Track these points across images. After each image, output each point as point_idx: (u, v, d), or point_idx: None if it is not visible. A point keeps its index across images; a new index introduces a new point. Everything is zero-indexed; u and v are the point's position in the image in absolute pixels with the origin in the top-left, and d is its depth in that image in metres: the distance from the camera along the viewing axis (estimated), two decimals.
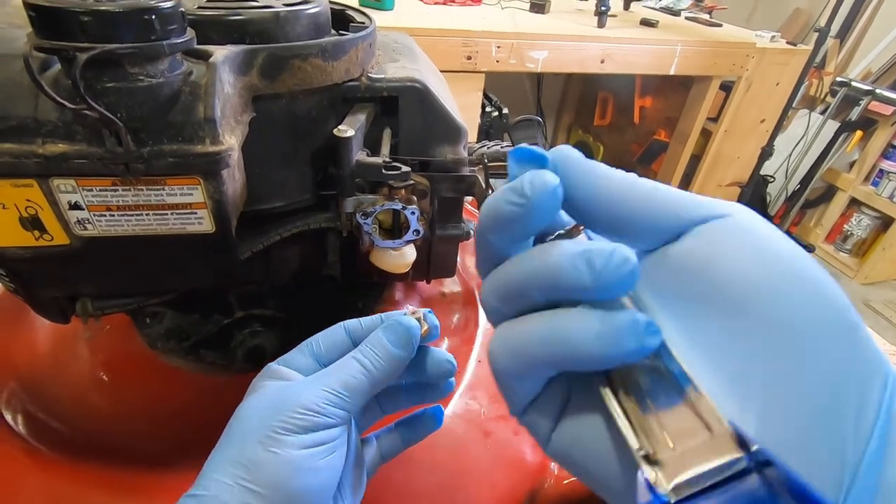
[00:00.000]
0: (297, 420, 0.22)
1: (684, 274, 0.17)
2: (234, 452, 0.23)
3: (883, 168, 2.15)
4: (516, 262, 0.19)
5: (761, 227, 0.17)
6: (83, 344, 0.42)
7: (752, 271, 0.16)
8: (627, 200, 0.18)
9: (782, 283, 0.15)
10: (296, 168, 0.34)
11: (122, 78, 0.22)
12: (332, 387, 0.24)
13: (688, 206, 0.18)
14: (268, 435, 0.22)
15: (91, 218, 0.25)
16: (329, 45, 0.31)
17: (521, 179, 0.18)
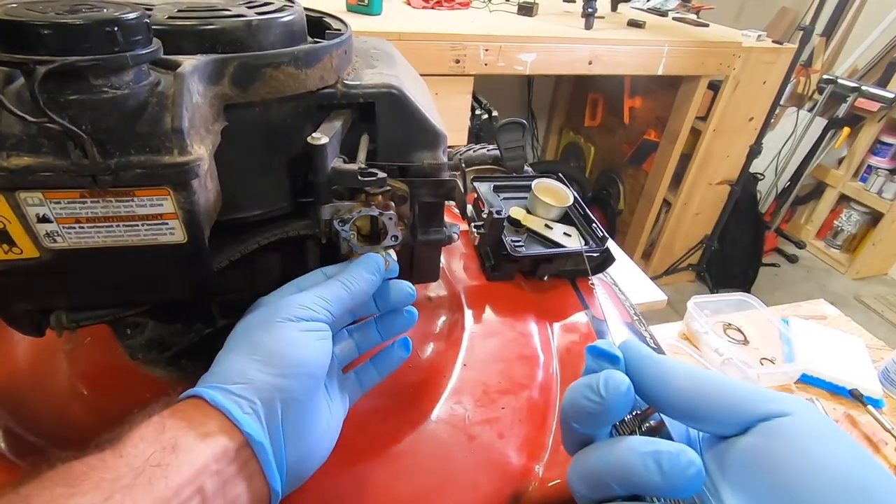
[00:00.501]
0: (297, 311, 0.28)
1: (747, 470, 0.19)
2: (243, 339, 0.28)
3: (871, 164, 2.18)
4: (596, 451, 0.22)
5: (821, 429, 0.19)
6: (62, 356, 0.41)
7: (808, 481, 0.18)
8: (695, 398, 0.21)
9: (835, 495, 0.17)
10: (272, 176, 0.34)
11: (86, 90, 0.22)
12: (322, 295, 0.30)
13: (753, 403, 0.20)
14: (271, 324, 0.28)
15: (60, 230, 0.25)
16: (302, 53, 0.31)
17: (598, 378, 0.22)
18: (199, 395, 0.26)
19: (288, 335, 0.27)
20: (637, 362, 0.23)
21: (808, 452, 0.18)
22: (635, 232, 2.05)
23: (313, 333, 0.28)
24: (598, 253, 0.58)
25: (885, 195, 2.13)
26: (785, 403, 0.20)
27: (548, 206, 0.61)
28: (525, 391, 0.45)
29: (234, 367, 0.27)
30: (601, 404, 0.21)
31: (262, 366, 0.26)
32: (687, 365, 0.23)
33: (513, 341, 0.51)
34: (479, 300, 0.55)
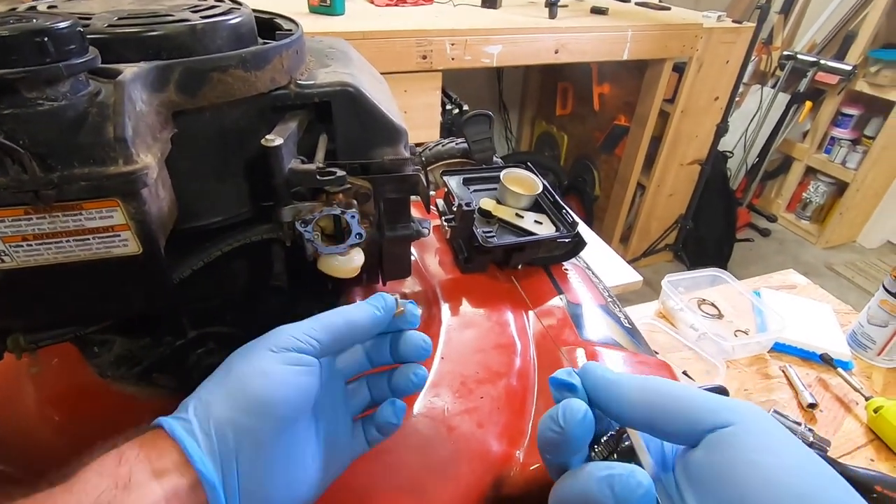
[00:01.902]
0: (280, 340, 0.26)
1: (702, 484, 0.20)
2: (224, 365, 0.27)
3: (834, 136, 2.24)
4: (565, 480, 0.24)
5: (767, 438, 0.20)
6: (28, 380, 0.40)
7: (758, 493, 0.18)
8: (649, 412, 0.23)
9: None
10: (230, 181, 0.33)
11: (20, 103, 0.21)
12: (313, 325, 0.28)
13: (700, 413, 0.21)
14: (252, 350, 0.27)
15: (7, 249, 0.24)
16: (249, 55, 0.30)
17: (557, 409, 0.24)
18: (160, 425, 0.24)
19: (264, 367, 0.25)
20: (593, 384, 0.25)
21: (755, 464, 0.19)
22: (612, 217, 2.07)
23: (294, 368, 0.26)
24: (569, 238, 0.59)
25: (848, 165, 2.20)
26: (731, 413, 0.21)
27: (517, 195, 0.61)
28: (503, 379, 0.46)
29: (203, 396, 0.25)
30: (562, 433, 0.23)
31: (229, 399, 0.24)
32: (640, 378, 0.24)
33: (489, 331, 0.51)
34: (454, 293, 0.55)
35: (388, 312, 0.30)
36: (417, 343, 0.31)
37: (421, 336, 0.31)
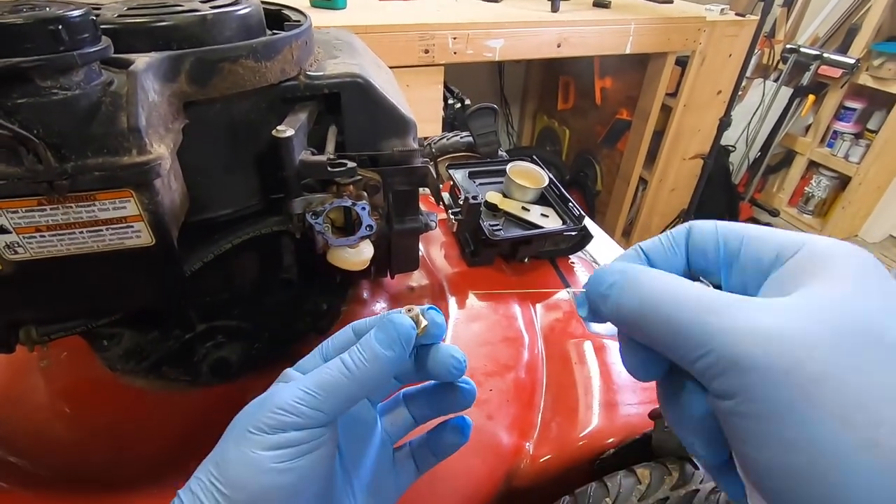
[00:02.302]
0: (267, 419, 0.21)
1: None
2: (216, 452, 0.22)
3: (836, 129, 2.23)
4: None
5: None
6: (39, 374, 0.40)
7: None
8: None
9: None
10: (240, 173, 0.33)
11: (34, 93, 0.21)
12: (308, 386, 0.22)
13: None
14: (241, 434, 0.21)
15: (21, 241, 0.24)
16: (260, 46, 0.30)
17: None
18: None
19: (253, 458, 0.21)
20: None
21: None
22: (614, 211, 2.07)
23: (288, 451, 0.21)
24: (575, 231, 0.58)
25: (851, 159, 2.19)
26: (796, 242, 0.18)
27: (523, 188, 0.61)
28: (511, 372, 0.46)
29: (198, 476, 0.22)
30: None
31: (224, 499, 0.21)
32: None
33: (496, 324, 0.51)
34: (461, 286, 0.55)
35: (404, 347, 0.24)
36: (447, 361, 0.25)
37: (450, 352, 0.26)
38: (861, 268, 0.16)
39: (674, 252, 0.20)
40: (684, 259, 0.20)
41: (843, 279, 0.16)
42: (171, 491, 0.34)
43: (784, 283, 0.17)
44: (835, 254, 0.17)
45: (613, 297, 0.19)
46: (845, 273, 0.16)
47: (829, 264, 0.17)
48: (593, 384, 0.44)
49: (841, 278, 0.16)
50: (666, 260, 0.20)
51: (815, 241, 0.17)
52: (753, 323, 0.15)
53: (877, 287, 0.16)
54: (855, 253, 0.17)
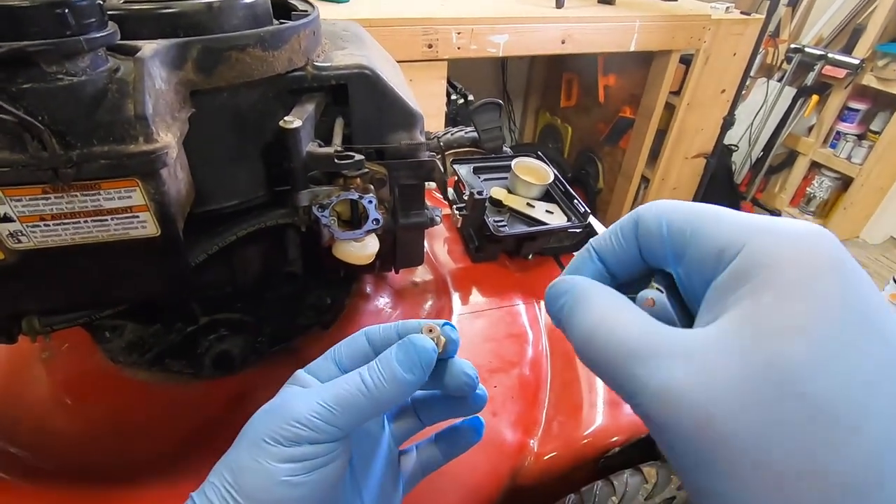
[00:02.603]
0: (283, 431, 0.21)
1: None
2: (230, 456, 0.22)
3: (839, 130, 2.22)
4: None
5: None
6: (40, 365, 0.40)
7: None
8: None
9: None
10: (246, 164, 0.33)
11: (40, 78, 0.21)
12: (325, 400, 0.22)
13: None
14: (256, 443, 0.21)
15: (24, 230, 0.24)
16: (267, 35, 0.30)
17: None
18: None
19: (268, 469, 0.21)
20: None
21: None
22: (615, 210, 2.06)
23: (303, 465, 0.21)
24: (580, 228, 0.58)
25: (854, 160, 2.18)
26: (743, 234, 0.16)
27: (528, 184, 0.61)
28: (516, 369, 0.45)
29: (212, 481, 0.22)
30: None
31: (230, 501, 0.21)
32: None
33: (501, 320, 0.51)
34: (464, 282, 0.55)
35: (424, 372, 0.23)
36: (460, 378, 0.25)
37: (463, 369, 0.26)
38: (804, 282, 0.14)
39: (623, 249, 0.19)
40: (636, 253, 0.19)
41: (774, 301, 0.14)
42: (174, 483, 0.34)
43: (718, 297, 0.16)
44: (776, 260, 0.15)
45: (564, 321, 0.19)
46: (780, 291, 0.14)
47: (765, 276, 0.15)
48: (598, 382, 0.44)
49: (772, 300, 0.14)
50: (617, 258, 0.20)
51: (758, 241, 0.15)
52: (667, 382, 0.15)
53: (815, 312, 0.14)
54: (804, 257, 0.15)
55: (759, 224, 0.16)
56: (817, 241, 0.15)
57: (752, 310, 0.14)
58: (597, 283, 0.19)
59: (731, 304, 0.15)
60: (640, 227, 0.19)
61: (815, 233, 0.15)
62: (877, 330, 0.14)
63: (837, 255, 0.15)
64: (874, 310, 0.14)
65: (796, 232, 0.15)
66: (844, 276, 0.14)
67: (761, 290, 0.14)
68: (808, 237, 0.15)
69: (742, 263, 0.15)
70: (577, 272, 0.21)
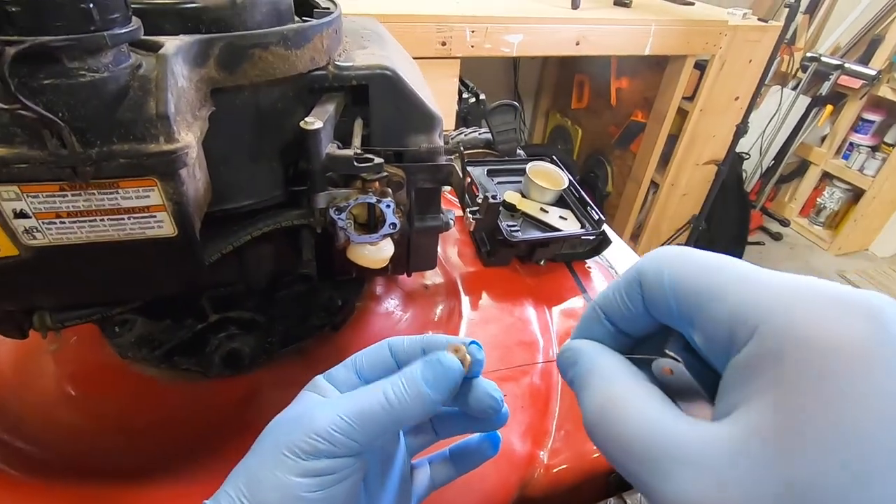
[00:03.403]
0: (303, 444, 0.21)
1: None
2: (248, 465, 0.22)
3: (853, 141, 2.20)
4: None
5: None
6: (48, 358, 0.40)
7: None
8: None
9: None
10: (263, 164, 0.32)
11: (61, 74, 0.20)
12: (347, 414, 0.21)
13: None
14: (275, 453, 0.21)
15: (40, 226, 0.24)
16: (291, 33, 0.29)
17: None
18: None
19: (284, 482, 0.20)
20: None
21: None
22: (623, 214, 2.05)
23: (319, 480, 0.20)
24: (594, 236, 0.57)
25: (866, 172, 2.16)
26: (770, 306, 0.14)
27: (543, 189, 0.60)
28: (526, 377, 0.45)
29: (227, 490, 0.21)
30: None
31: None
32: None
33: (511, 327, 0.50)
34: (475, 286, 0.54)
35: (449, 394, 0.23)
36: (485, 401, 0.24)
37: (488, 391, 0.25)
38: (837, 377, 0.11)
39: (630, 309, 0.18)
40: (644, 313, 0.18)
41: (798, 401, 0.12)
42: (179, 481, 0.34)
43: (738, 381, 0.14)
44: (790, 352, 0.12)
45: (576, 391, 0.18)
46: (807, 388, 0.12)
47: (778, 372, 0.12)
48: None
49: (796, 400, 0.12)
50: (625, 319, 0.18)
51: (771, 326, 0.13)
52: (681, 497, 0.13)
53: (851, 420, 0.11)
54: (827, 349, 0.12)
55: (778, 289, 0.13)
56: (857, 319, 0.12)
57: (770, 412, 0.12)
58: (604, 351, 0.18)
59: (748, 397, 0.13)
60: (643, 286, 0.17)
61: (858, 305, 0.12)
62: None
63: (891, 338, 0.11)
64: None
65: (831, 305, 0.12)
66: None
67: (780, 385, 0.12)
68: (849, 310, 0.12)
69: (757, 348, 0.13)
70: (585, 334, 0.20)
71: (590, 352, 0.18)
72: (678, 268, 0.16)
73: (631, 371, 0.17)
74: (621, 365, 0.17)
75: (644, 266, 0.17)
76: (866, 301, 0.12)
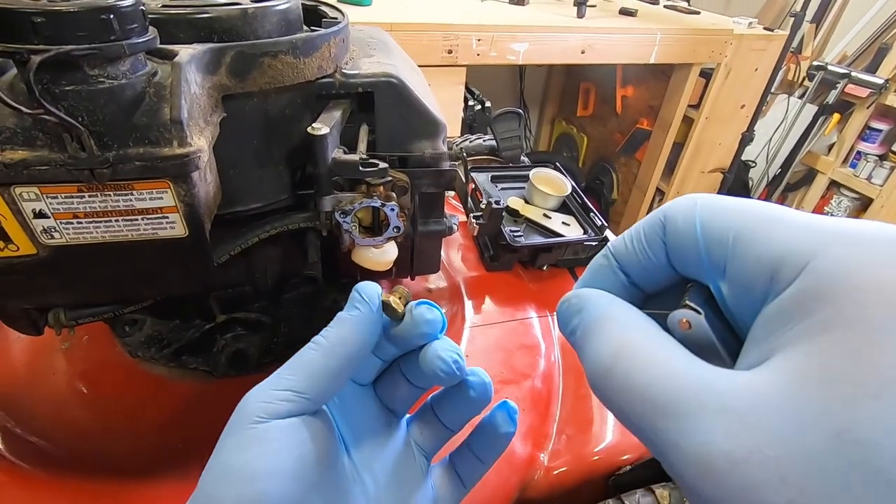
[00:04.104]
0: (251, 412, 0.19)
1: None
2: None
3: (860, 150, 2.19)
4: None
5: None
6: (60, 355, 0.41)
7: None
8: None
9: None
10: (271, 168, 0.33)
11: (82, 80, 0.21)
12: (281, 373, 0.20)
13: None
14: (220, 441, 0.19)
15: (57, 226, 0.25)
16: (300, 42, 0.30)
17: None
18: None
19: (218, 462, 0.19)
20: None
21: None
22: (628, 221, 2.05)
23: (259, 452, 0.18)
24: (596, 241, 0.58)
25: (874, 181, 2.15)
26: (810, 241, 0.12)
27: (546, 195, 0.61)
28: (527, 380, 0.45)
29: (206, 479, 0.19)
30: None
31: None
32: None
33: (513, 331, 0.51)
34: (478, 291, 0.55)
35: (371, 304, 0.21)
36: (434, 364, 0.22)
37: (436, 353, 0.22)
38: (884, 330, 0.10)
39: (648, 256, 0.16)
40: (665, 261, 0.16)
41: (853, 344, 0.11)
42: (183, 479, 0.34)
43: (772, 329, 0.12)
44: (859, 283, 0.11)
45: (577, 346, 0.16)
46: (863, 330, 0.10)
47: (840, 306, 0.11)
48: None
49: (850, 343, 0.11)
50: (641, 267, 0.16)
51: (832, 253, 0.11)
52: (706, 448, 0.12)
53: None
54: (888, 288, 0.11)
55: (834, 228, 0.12)
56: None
57: (819, 356, 0.11)
58: (616, 300, 0.16)
59: (790, 341, 0.12)
60: (667, 229, 0.15)
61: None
62: None
63: None
64: None
65: (879, 256, 0.11)
66: None
67: (834, 326, 0.11)
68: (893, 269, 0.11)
69: (806, 285, 0.12)
70: (593, 284, 0.17)
71: (599, 299, 0.16)
72: (711, 207, 0.14)
73: (647, 319, 0.15)
74: (637, 313, 0.16)
75: (672, 210, 0.15)
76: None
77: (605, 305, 0.16)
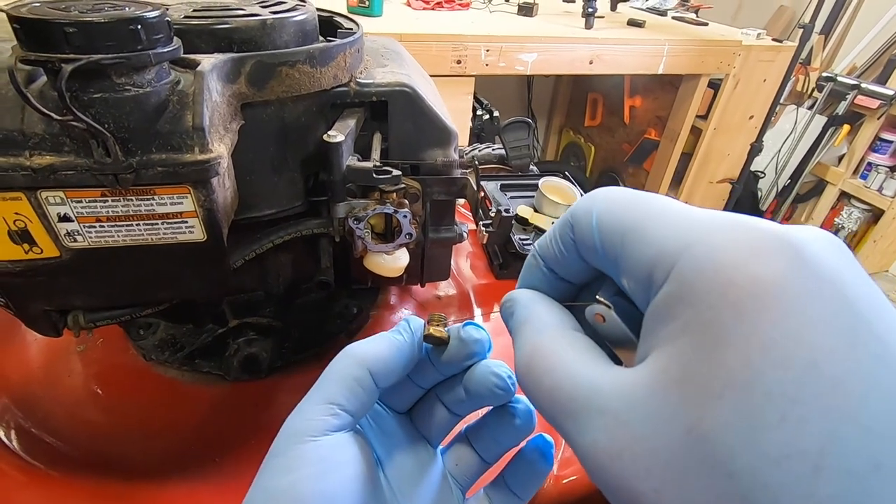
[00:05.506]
0: (296, 433, 0.19)
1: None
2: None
3: (871, 161, 2.18)
4: None
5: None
6: (76, 357, 0.41)
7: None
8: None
9: None
10: (286, 175, 0.34)
11: (109, 88, 0.22)
12: (322, 389, 0.20)
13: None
14: (262, 469, 0.19)
15: (81, 230, 0.25)
16: (317, 52, 0.31)
17: None
18: None
19: (264, 486, 0.18)
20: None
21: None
22: None
23: (303, 475, 0.18)
24: None
25: (885, 192, 2.13)
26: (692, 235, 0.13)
27: (555, 204, 0.61)
28: None
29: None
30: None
31: None
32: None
33: None
34: (487, 298, 0.55)
35: (410, 335, 0.22)
36: (487, 380, 0.21)
37: (490, 369, 0.22)
38: (740, 318, 0.11)
39: (564, 254, 0.17)
40: (577, 257, 0.16)
41: (701, 345, 0.11)
42: (195, 482, 0.35)
43: (652, 327, 0.13)
44: (703, 293, 0.11)
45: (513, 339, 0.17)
46: (710, 331, 0.11)
47: (693, 313, 0.12)
48: None
49: (698, 343, 0.11)
50: (559, 264, 0.17)
51: (688, 263, 0.12)
52: (593, 447, 0.13)
53: (749, 362, 0.11)
54: (740, 290, 0.11)
55: (700, 226, 0.13)
56: (773, 255, 0.11)
57: (679, 357, 0.12)
58: (539, 300, 0.17)
59: (661, 341, 0.12)
60: (574, 227, 0.16)
61: (778, 239, 0.11)
62: (829, 388, 0.10)
63: (810, 274, 0.11)
64: (833, 358, 0.10)
65: (748, 241, 0.11)
66: (808, 304, 0.10)
67: (691, 329, 0.12)
68: (768, 246, 0.11)
69: (672, 289, 0.12)
70: (527, 282, 0.18)
71: (525, 300, 0.17)
72: (606, 203, 0.15)
73: (561, 320, 0.16)
74: (553, 314, 0.17)
75: (577, 207, 0.16)
76: (786, 235, 0.11)
77: (529, 306, 0.17)
